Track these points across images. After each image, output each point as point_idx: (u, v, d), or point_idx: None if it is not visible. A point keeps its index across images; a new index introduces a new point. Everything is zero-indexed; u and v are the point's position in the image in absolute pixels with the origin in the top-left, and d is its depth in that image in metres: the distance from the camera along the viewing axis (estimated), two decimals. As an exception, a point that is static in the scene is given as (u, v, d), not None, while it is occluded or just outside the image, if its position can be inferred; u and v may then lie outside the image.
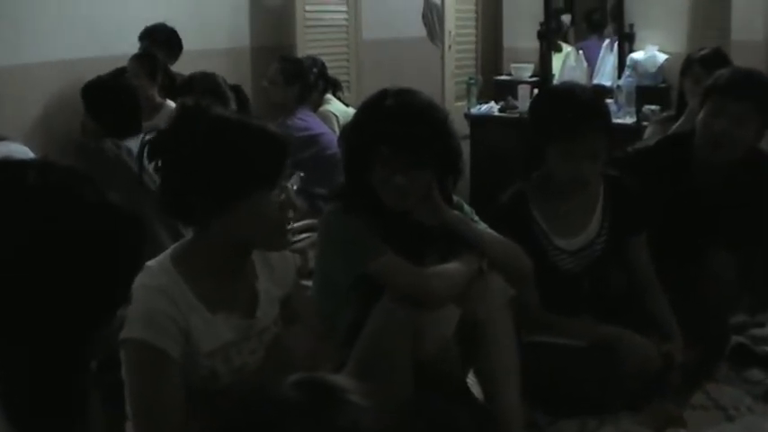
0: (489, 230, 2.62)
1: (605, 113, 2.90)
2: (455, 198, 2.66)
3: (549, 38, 6.65)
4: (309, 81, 5.00)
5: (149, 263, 1.98)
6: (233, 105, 4.24)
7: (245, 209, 1.95)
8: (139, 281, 1.87)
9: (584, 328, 2.90)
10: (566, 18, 6.74)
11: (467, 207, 2.69)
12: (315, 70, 5.16)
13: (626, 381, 2.77)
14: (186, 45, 5.55)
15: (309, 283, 2.77)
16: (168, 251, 2.03)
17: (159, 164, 2.01)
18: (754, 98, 3.05)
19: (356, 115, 2.64)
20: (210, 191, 1.93)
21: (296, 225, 4.23)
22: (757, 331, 3.20)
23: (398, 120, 2.43)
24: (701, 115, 3.15)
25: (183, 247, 2.05)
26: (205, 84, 4.21)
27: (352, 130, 2.59)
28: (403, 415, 2.27)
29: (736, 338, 3.11)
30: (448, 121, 2.53)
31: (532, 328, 2.84)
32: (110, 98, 3.90)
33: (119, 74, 4.57)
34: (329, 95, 5.36)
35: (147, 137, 2.01)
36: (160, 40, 5.41)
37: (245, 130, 1.99)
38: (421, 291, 2.41)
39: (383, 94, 2.51)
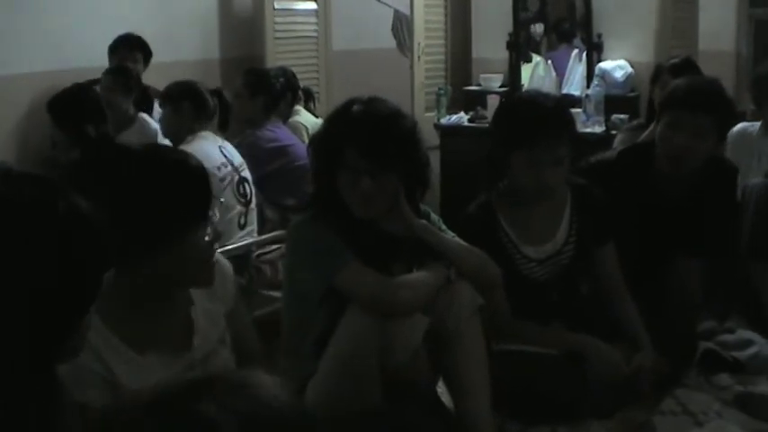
0: (457, 239, 2.62)
1: (568, 120, 2.89)
2: (422, 207, 2.65)
3: (518, 48, 6.69)
4: (274, 92, 4.94)
5: None
6: (216, 111, 4.24)
7: (177, 249, 1.85)
8: None
9: (553, 337, 2.90)
10: (538, 27, 6.76)
11: (434, 216, 2.69)
12: (281, 80, 5.12)
13: (595, 388, 2.77)
14: (156, 57, 5.56)
15: (279, 294, 2.76)
16: None
17: None
18: (711, 110, 3.01)
19: (324, 123, 2.64)
20: (139, 234, 1.79)
21: (266, 236, 4.22)
22: (726, 337, 3.21)
23: (365, 124, 2.44)
24: (659, 128, 3.13)
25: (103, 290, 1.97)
26: (183, 92, 4.20)
27: (319, 136, 2.59)
28: (369, 425, 2.27)
29: (705, 345, 3.12)
30: (416, 129, 2.53)
31: (502, 337, 2.84)
32: (75, 110, 3.88)
33: (87, 85, 4.55)
34: (299, 107, 5.34)
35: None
36: (134, 47, 5.41)
37: (173, 165, 1.89)
38: (388, 300, 2.40)
39: (351, 102, 2.51)
